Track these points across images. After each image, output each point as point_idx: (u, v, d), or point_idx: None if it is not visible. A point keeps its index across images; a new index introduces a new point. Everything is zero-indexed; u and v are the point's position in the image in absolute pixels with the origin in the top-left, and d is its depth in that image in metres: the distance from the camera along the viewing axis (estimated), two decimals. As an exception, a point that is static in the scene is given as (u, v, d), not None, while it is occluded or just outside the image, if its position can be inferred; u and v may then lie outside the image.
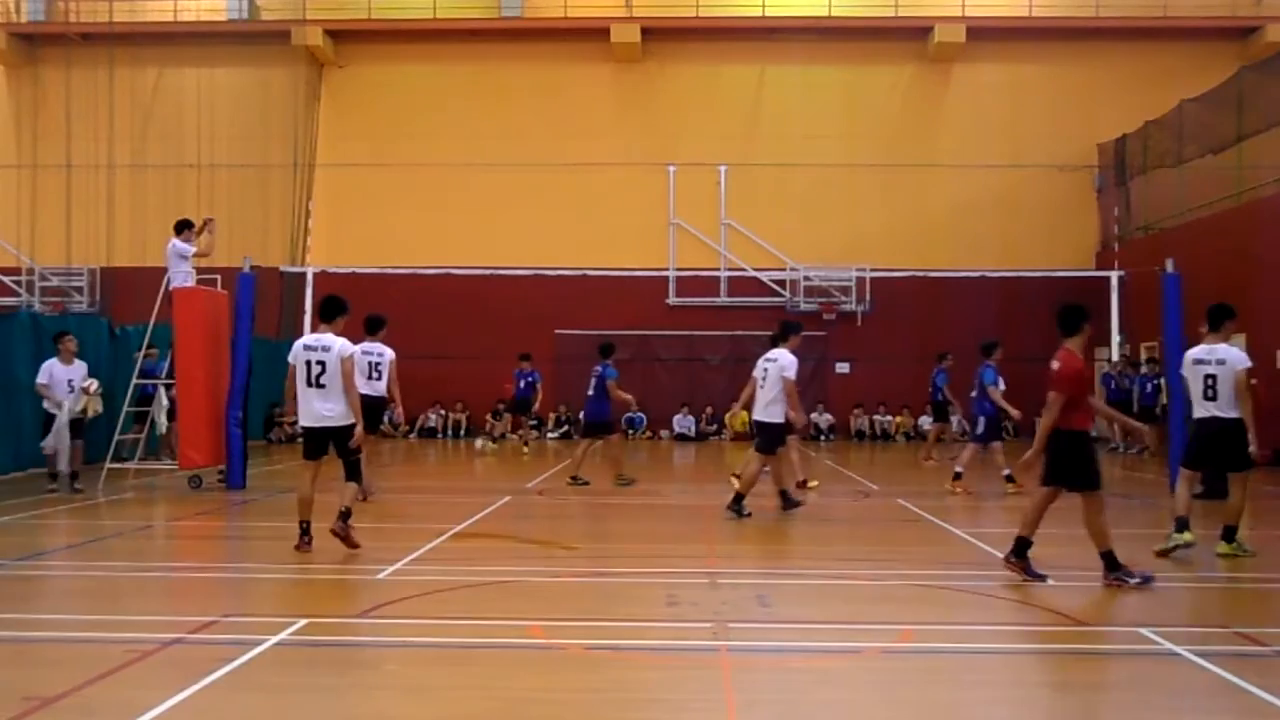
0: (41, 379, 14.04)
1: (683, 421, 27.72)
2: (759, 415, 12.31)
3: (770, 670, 6.05)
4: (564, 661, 6.16)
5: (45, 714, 5.07)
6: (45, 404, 14.06)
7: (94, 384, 14.44)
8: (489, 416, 27.68)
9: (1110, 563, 8.32)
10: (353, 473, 9.69)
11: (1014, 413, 14.77)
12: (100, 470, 14.91)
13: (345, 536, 9.41)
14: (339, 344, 9.52)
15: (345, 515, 9.44)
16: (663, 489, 15.85)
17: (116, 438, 15.18)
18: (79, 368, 14.34)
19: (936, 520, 11.89)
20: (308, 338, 9.76)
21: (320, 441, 9.60)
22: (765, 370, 12.25)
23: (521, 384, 22.44)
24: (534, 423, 27.68)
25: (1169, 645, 6.36)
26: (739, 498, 12.09)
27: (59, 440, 13.89)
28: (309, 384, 9.40)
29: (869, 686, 5.81)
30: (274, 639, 6.34)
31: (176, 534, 11.34)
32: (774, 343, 12.75)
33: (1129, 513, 13.61)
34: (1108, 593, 8.20)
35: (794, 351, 12.37)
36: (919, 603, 7.79)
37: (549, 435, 27.69)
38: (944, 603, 7.83)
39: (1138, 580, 8.17)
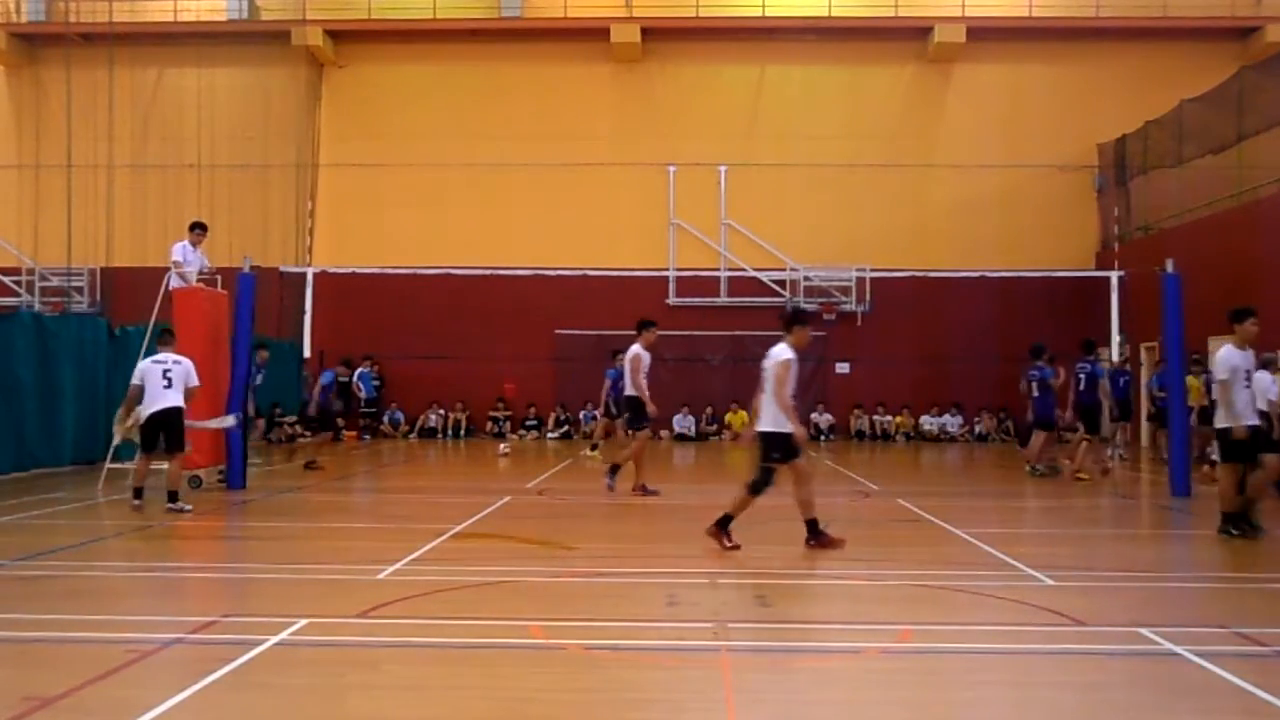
0: (138, 379, 12.49)
1: (682, 421, 27.71)
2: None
3: (770, 670, 6.05)
4: (564, 661, 6.15)
5: (45, 714, 5.06)
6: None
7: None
8: (494, 413, 27.77)
9: None
10: (756, 481, 9.61)
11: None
12: (99, 471, 14.90)
13: (717, 536, 9.65)
14: (773, 351, 9.67)
15: (723, 522, 9.68)
16: (662, 489, 15.81)
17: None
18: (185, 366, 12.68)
19: (936, 520, 11.89)
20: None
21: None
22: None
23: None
24: (534, 422, 27.83)
25: (1169, 645, 6.35)
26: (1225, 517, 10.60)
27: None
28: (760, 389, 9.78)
29: (869, 686, 5.81)
30: (274, 639, 6.34)
31: (176, 534, 11.33)
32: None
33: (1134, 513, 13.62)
34: (1108, 593, 8.21)
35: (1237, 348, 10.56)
36: (919, 603, 7.78)
37: (549, 435, 27.71)
38: (944, 603, 7.83)
39: None
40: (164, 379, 12.32)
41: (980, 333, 27.31)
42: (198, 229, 14.93)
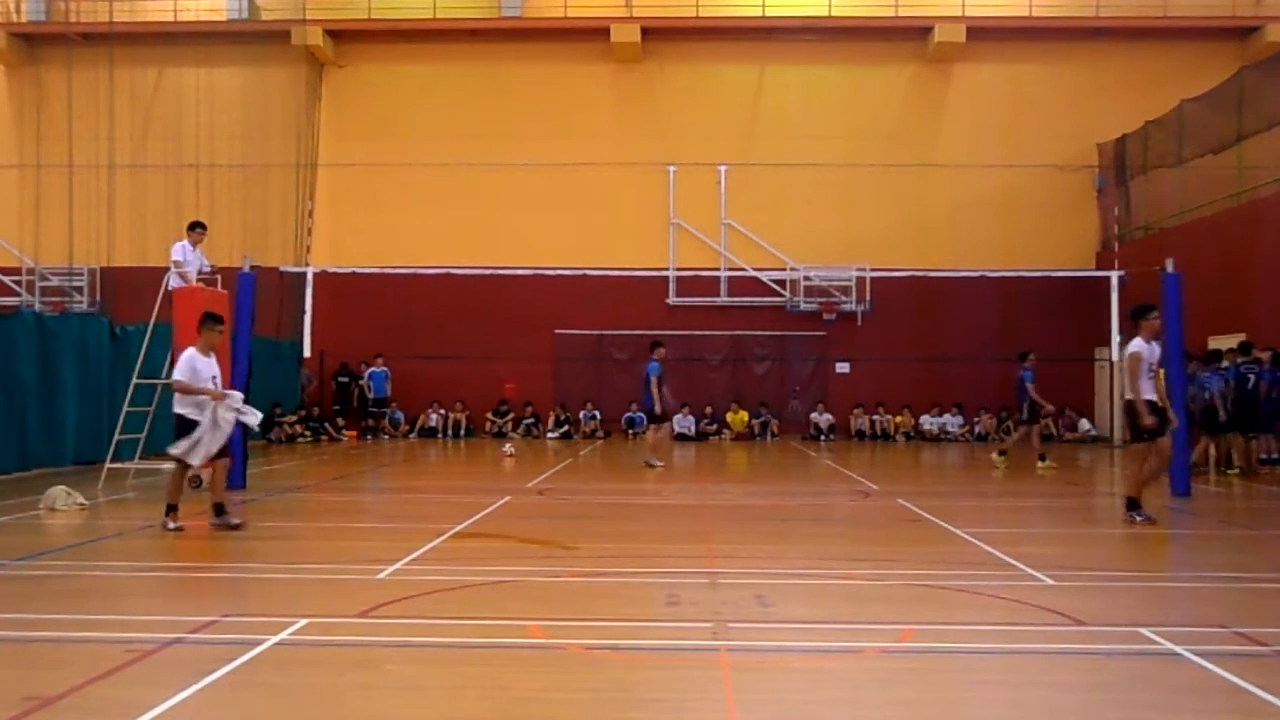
0: (180, 374, 10.82)
1: (683, 421, 27.70)
2: None
3: (770, 670, 6.05)
4: (564, 661, 6.15)
5: (45, 714, 5.06)
6: (184, 407, 10.83)
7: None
8: (491, 415, 27.80)
9: None
10: None
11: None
12: (100, 471, 14.91)
13: None
14: None
15: None
16: (663, 489, 15.84)
17: (116, 437, 15.16)
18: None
19: (936, 520, 11.89)
20: None
21: None
22: None
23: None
24: (530, 420, 27.86)
25: (1169, 645, 6.35)
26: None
27: (196, 449, 10.82)
28: None
29: (869, 686, 5.81)
30: (274, 639, 6.34)
31: (176, 534, 11.32)
32: None
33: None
34: (1108, 593, 8.21)
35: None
36: (919, 603, 7.78)
37: (549, 435, 27.71)
38: (944, 603, 7.83)
39: None
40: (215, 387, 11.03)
41: (980, 333, 27.34)
42: (197, 228, 14.96)
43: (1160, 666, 6.07)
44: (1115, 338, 17.88)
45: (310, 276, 18.69)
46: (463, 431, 28.01)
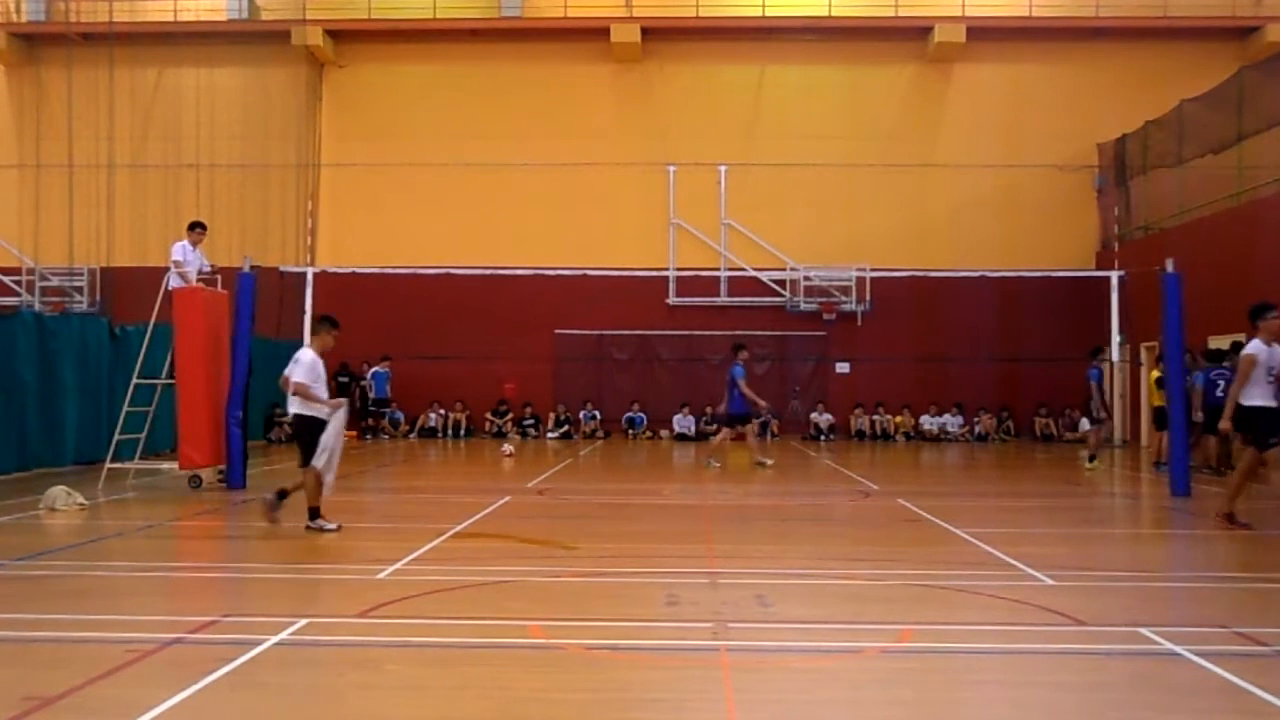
0: (304, 377, 10.65)
1: (682, 421, 27.72)
2: None
3: (770, 670, 6.05)
4: (564, 661, 6.16)
5: (45, 714, 5.06)
6: (305, 408, 10.78)
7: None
8: (490, 415, 27.80)
9: None
10: None
11: None
12: (100, 470, 14.91)
13: None
14: None
15: None
16: (663, 489, 15.84)
17: (116, 437, 15.16)
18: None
19: (936, 520, 11.89)
20: None
21: None
22: None
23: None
24: (530, 421, 27.86)
25: (1169, 645, 6.36)
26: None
27: (331, 461, 10.72)
28: None
29: (869, 686, 5.81)
30: (274, 639, 6.34)
31: (176, 534, 11.33)
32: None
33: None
34: (1108, 593, 8.21)
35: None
36: (919, 603, 7.78)
37: (549, 435, 27.71)
38: (944, 603, 7.83)
39: None
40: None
41: (980, 333, 27.35)
42: (197, 228, 15.00)
43: (1160, 666, 6.07)
44: (1115, 338, 17.89)
45: (310, 277, 18.70)
46: (462, 431, 28.00)
